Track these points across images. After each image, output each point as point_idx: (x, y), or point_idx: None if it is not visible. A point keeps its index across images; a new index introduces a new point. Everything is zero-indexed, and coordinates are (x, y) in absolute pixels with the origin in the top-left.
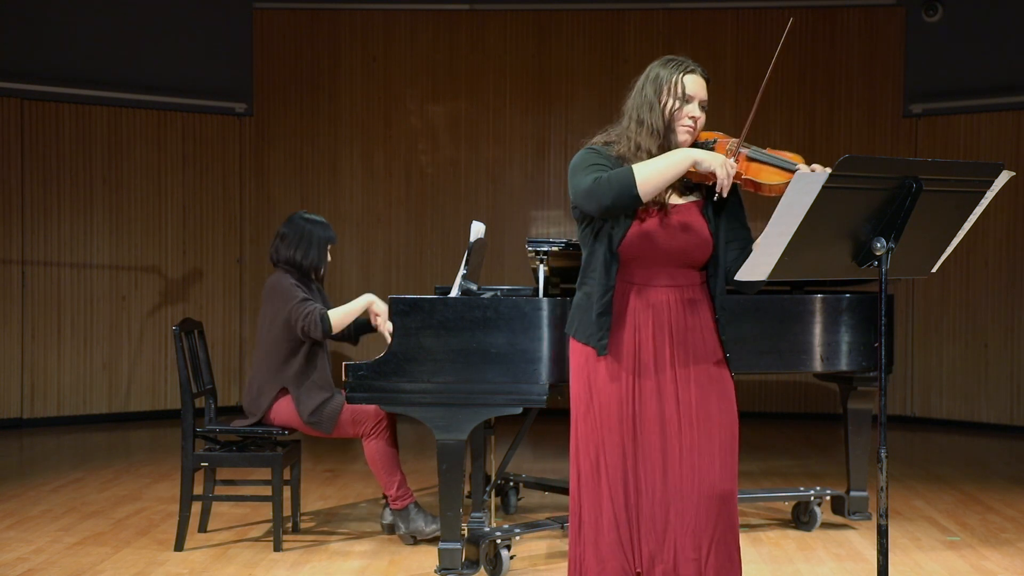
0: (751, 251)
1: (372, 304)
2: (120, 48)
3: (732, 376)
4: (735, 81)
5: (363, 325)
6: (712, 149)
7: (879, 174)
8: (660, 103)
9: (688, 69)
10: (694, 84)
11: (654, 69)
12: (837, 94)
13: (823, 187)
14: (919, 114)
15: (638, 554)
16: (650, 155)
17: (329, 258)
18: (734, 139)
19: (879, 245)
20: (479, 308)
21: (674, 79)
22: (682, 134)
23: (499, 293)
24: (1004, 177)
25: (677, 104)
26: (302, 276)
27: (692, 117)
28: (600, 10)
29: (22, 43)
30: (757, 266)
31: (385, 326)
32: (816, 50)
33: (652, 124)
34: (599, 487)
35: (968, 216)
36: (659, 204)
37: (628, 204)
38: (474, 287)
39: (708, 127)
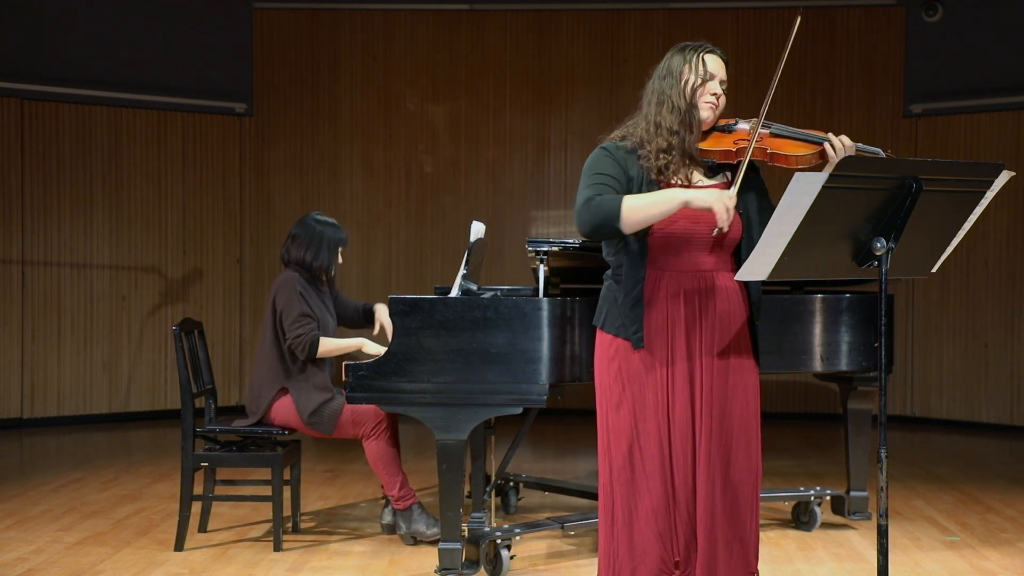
0: None
1: (362, 347)
2: (120, 48)
3: (759, 364)
4: (735, 81)
5: (369, 313)
6: (733, 131)
7: (879, 174)
8: (681, 81)
9: (708, 49)
10: (715, 63)
11: (674, 53)
12: (837, 94)
13: (823, 187)
14: (919, 114)
15: (676, 543)
16: (671, 133)
17: (340, 260)
18: (754, 119)
19: (879, 245)
20: (479, 308)
21: (695, 58)
22: (705, 110)
23: (499, 293)
24: (1004, 177)
25: (699, 81)
26: (312, 277)
27: (714, 94)
28: (600, 10)
29: (22, 43)
30: (757, 266)
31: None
32: (816, 50)
33: (674, 102)
34: (633, 479)
35: (968, 216)
36: (686, 184)
37: (610, 235)
38: (474, 287)
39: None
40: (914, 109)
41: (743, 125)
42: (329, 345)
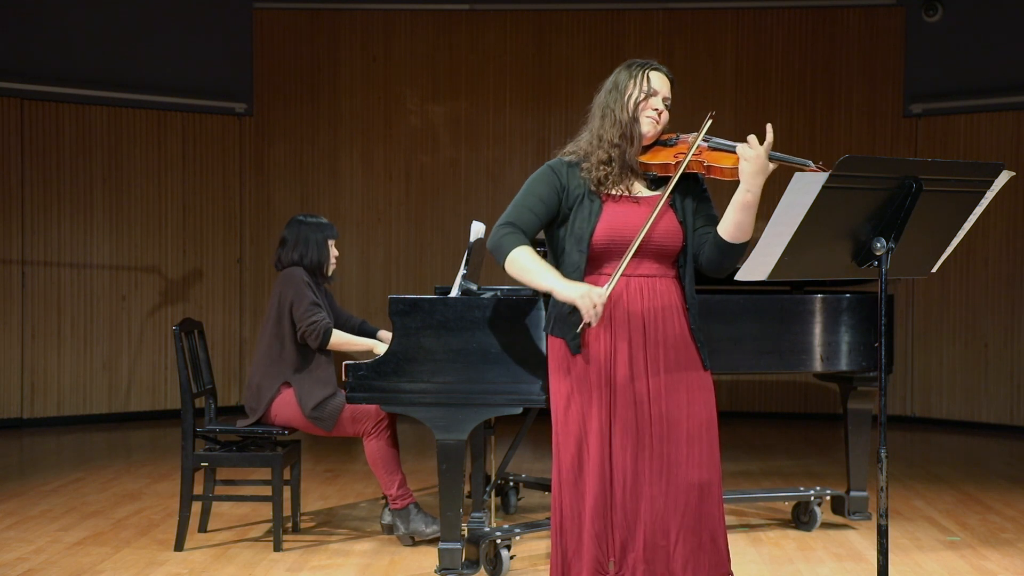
0: (719, 239)
1: (374, 348)
2: (120, 48)
3: (707, 366)
4: (735, 81)
5: (367, 334)
6: (674, 145)
7: (879, 174)
8: (625, 96)
9: (654, 67)
10: (659, 80)
11: (622, 68)
12: (837, 94)
13: (823, 187)
14: (919, 114)
15: (611, 543)
16: (611, 145)
17: (336, 252)
18: (693, 133)
19: (879, 245)
20: (479, 308)
21: (640, 74)
22: (646, 124)
23: (499, 293)
24: (1004, 177)
25: (642, 96)
26: (311, 275)
27: (656, 110)
28: (600, 10)
29: (22, 43)
30: (757, 266)
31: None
32: (816, 50)
33: (616, 115)
34: (581, 480)
35: (968, 216)
36: (627, 194)
37: (497, 261)
38: (474, 287)
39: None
40: (914, 109)
41: (683, 140)
42: (342, 338)
